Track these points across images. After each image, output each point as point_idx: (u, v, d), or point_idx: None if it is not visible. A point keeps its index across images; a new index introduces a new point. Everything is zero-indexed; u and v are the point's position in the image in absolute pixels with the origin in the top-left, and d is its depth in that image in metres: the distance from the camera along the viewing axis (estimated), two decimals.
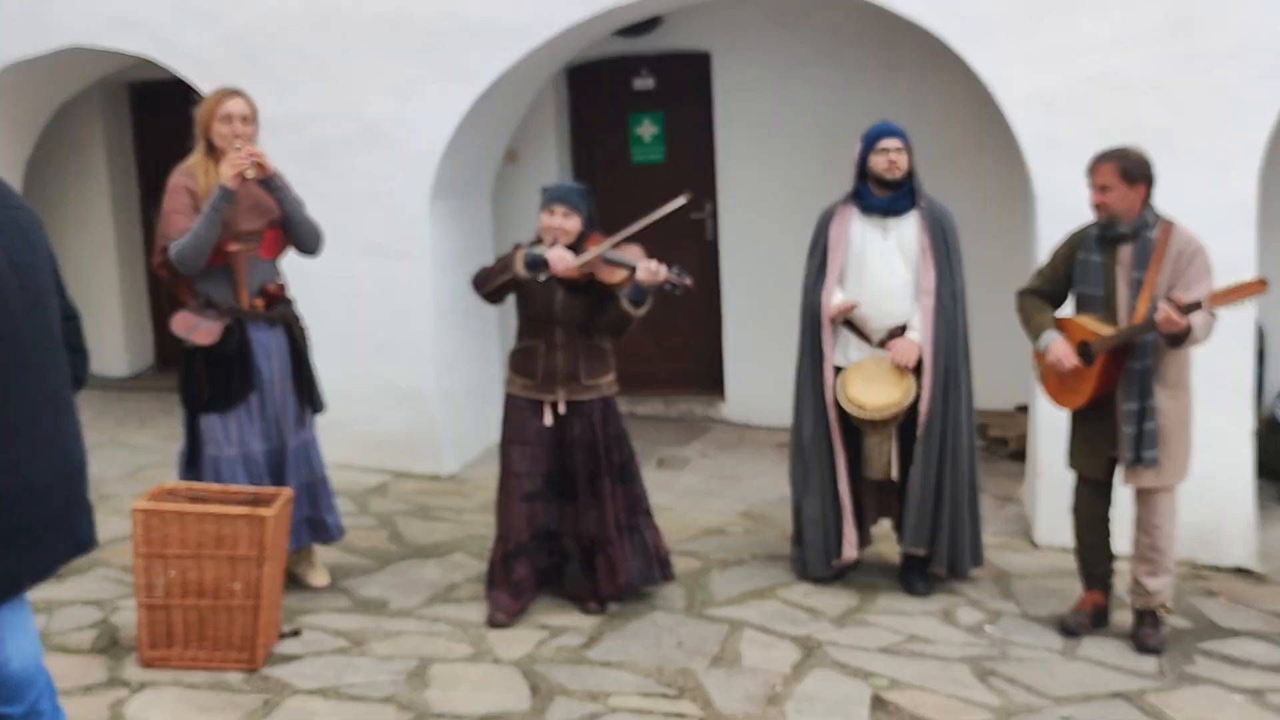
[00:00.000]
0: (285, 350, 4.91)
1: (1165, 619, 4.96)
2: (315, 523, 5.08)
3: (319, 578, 5.16)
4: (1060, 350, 4.79)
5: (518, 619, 4.85)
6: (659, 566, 5.10)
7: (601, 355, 4.91)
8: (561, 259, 4.66)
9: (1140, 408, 4.71)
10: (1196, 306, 4.49)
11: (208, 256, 4.64)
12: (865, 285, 5.22)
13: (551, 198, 4.82)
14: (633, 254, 4.83)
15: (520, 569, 4.85)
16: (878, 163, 5.16)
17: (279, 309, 4.89)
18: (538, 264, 4.67)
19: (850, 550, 5.33)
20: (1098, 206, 4.75)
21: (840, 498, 5.30)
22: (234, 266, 4.72)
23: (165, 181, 4.79)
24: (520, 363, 4.87)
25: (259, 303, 4.81)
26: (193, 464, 4.83)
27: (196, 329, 4.72)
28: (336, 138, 7.02)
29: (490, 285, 4.78)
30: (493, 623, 4.81)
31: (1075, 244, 4.93)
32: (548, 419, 4.83)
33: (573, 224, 4.80)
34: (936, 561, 5.33)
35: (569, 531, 4.94)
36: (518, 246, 4.89)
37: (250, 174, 4.63)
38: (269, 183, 4.74)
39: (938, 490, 5.23)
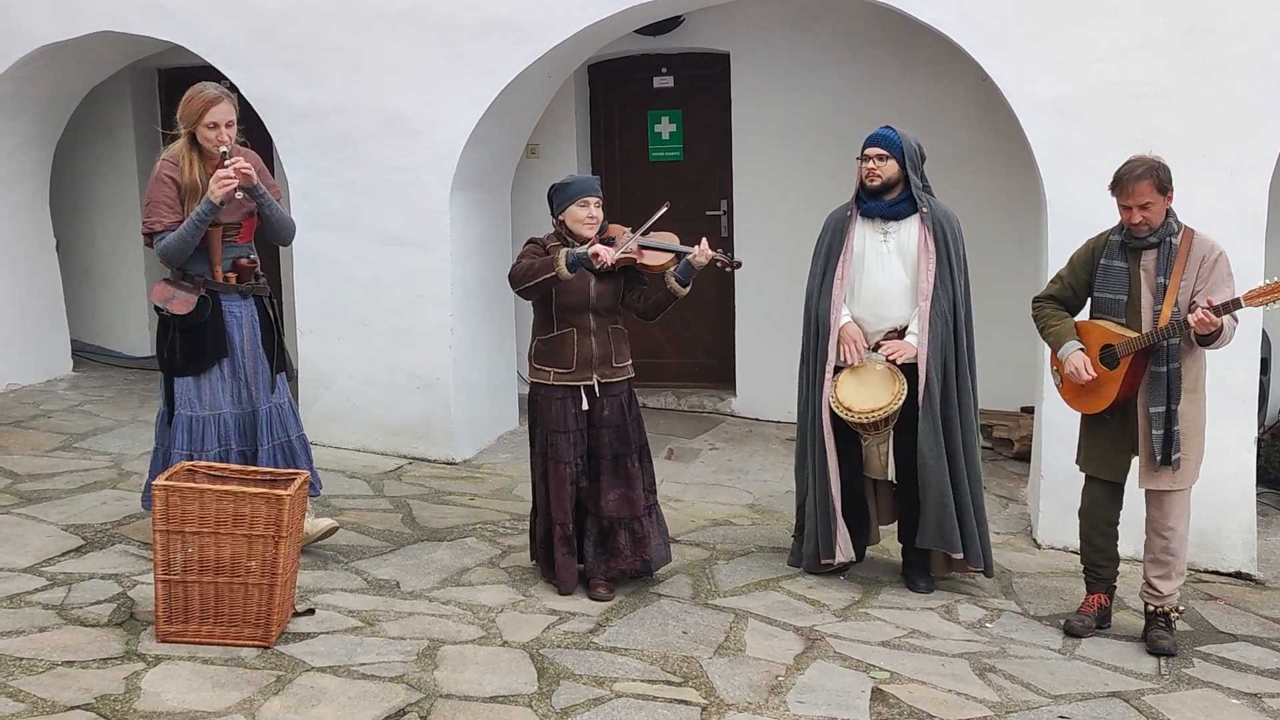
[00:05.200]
0: (255, 320, 5.19)
1: (1175, 621, 5.02)
2: None
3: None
4: (1079, 361, 4.85)
5: None
6: (668, 546, 5.27)
7: (625, 339, 5.11)
8: (606, 253, 4.82)
9: (1167, 410, 4.77)
10: (1235, 306, 4.56)
11: (189, 255, 4.96)
12: (863, 289, 5.27)
13: (584, 190, 4.98)
14: (666, 239, 5.03)
15: (570, 548, 5.08)
16: (861, 170, 5.25)
17: (249, 282, 5.14)
18: (582, 263, 4.82)
19: (840, 554, 5.36)
20: (1138, 224, 4.76)
21: (831, 499, 5.34)
22: (210, 245, 5.01)
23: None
24: (551, 353, 5.00)
25: (231, 276, 5.10)
26: (169, 425, 5.12)
27: (173, 299, 5.04)
28: (360, 128, 7.10)
29: (528, 284, 4.89)
30: (564, 592, 5.05)
31: (1096, 250, 4.95)
32: (584, 403, 4.98)
33: (601, 214, 5.00)
34: (971, 561, 5.35)
35: (592, 510, 5.08)
36: (531, 241, 5.04)
37: (238, 195, 4.90)
38: (252, 191, 4.97)
39: (955, 491, 5.26)
